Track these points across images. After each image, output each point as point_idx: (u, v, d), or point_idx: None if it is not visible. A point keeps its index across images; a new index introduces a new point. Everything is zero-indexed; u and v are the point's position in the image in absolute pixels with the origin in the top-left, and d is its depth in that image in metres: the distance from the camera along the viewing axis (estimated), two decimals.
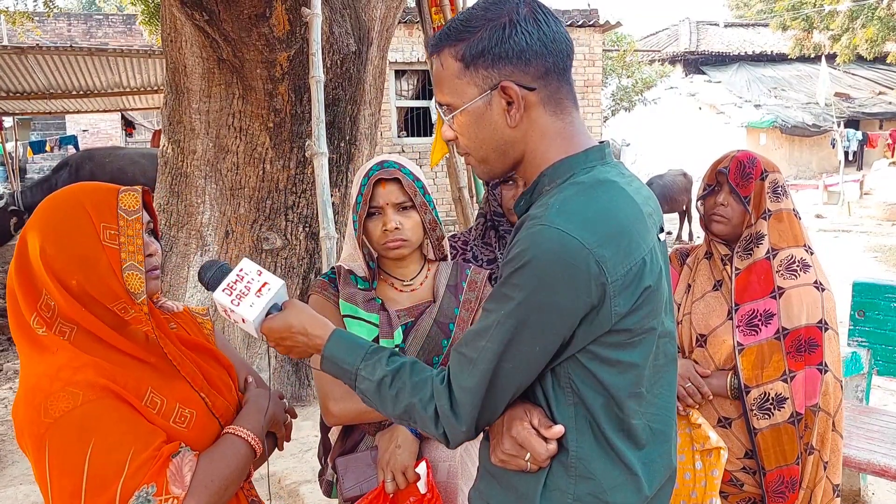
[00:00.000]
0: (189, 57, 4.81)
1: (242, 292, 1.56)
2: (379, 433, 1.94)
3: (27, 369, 1.44)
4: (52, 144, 14.65)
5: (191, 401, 1.55)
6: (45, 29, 18.01)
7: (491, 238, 2.52)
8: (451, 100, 1.38)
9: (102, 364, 1.43)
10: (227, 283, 1.56)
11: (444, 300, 2.05)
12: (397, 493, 1.88)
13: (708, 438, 2.19)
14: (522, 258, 1.25)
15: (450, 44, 1.36)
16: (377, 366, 1.43)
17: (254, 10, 4.05)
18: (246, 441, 1.59)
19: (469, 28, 1.33)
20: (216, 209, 4.98)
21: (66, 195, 1.52)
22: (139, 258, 1.48)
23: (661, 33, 30.04)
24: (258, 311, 1.54)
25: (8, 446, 4.75)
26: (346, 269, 2.06)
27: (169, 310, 1.75)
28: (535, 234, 1.25)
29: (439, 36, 1.38)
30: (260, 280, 1.57)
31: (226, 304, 1.55)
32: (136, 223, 1.50)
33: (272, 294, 1.56)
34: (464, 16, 1.36)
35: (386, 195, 1.95)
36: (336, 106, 4.90)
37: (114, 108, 13.21)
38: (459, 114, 1.38)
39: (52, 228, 1.46)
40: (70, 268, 1.44)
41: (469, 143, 1.41)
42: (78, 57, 9.05)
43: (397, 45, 12.63)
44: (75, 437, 1.35)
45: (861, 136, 20.29)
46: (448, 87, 1.38)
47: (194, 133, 4.94)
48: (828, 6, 21.69)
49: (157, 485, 1.37)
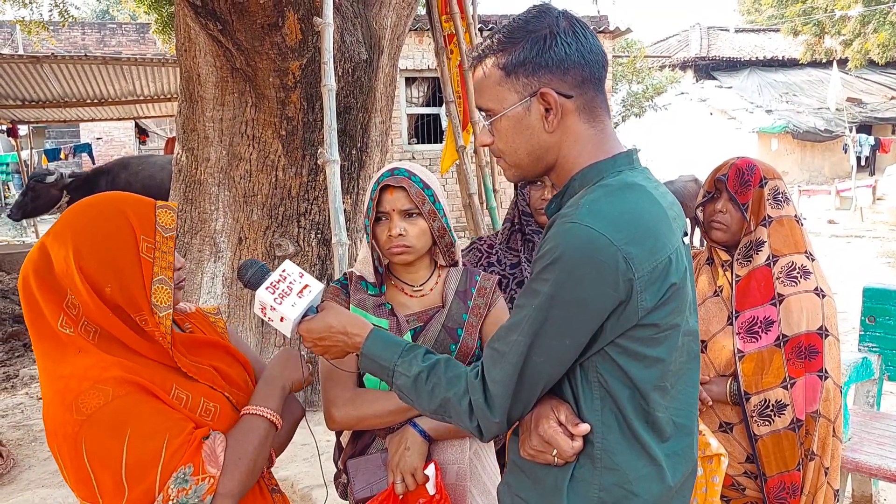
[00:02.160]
0: (203, 66, 4.87)
1: (285, 292, 1.62)
2: (389, 436, 1.96)
3: (52, 373, 1.47)
4: (66, 152, 14.80)
5: (214, 397, 1.61)
6: (59, 38, 18.20)
7: (517, 242, 2.56)
8: (491, 105, 1.46)
9: (127, 363, 1.48)
10: (271, 282, 1.63)
11: (453, 306, 2.08)
12: (407, 494, 1.90)
13: (709, 445, 2.20)
14: (553, 254, 1.31)
15: (493, 53, 1.44)
16: (413, 362, 1.51)
17: (266, 20, 4.10)
18: (263, 417, 1.64)
19: (512, 39, 1.41)
20: (229, 216, 5.03)
21: (108, 203, 1.57)
22: (169, 273, 1.55)
23: (671, 39, 30.03)
24: (298, 311, 1.61)
25: (24, 451, 4.80)
26: (357, 275, 2.10)
27: (182, 311, 1.80)
28: (566, 231, 1.32)
29: (484, 47, 1.46)
30: (301, 282, 1.64)
31: (268, 303, 1.61)
32: (171, 241, 1.58)
33: (312, 296, 1.63)
34: (507, 28, 1.44)
35: (392, 202, 1.99)
36: (347, 114, 4.95)
37: (127, 115, 13.34)
38: (499, 119, 1.45)
39: (91, 234, 1.50)
40: (106, 274, 1.48)
41: (505, 147, 1.48)
42: (92, 65, 9.16)
43: (408, 52, 12.69)
44: (110, 431, 1.40)
45: (873, 142, 20.20)
46: (489, 93, 1.45)
47: (208, 141, 5.00)
48: (839, 11, 21.62)
49: (194, 465, 1.43)
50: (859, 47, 21.46)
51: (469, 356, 2.06)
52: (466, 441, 2.01)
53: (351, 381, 1.97)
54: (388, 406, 1.92)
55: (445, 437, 1.97)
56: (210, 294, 5.08)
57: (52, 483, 4.34)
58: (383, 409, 1.92)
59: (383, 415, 1.93)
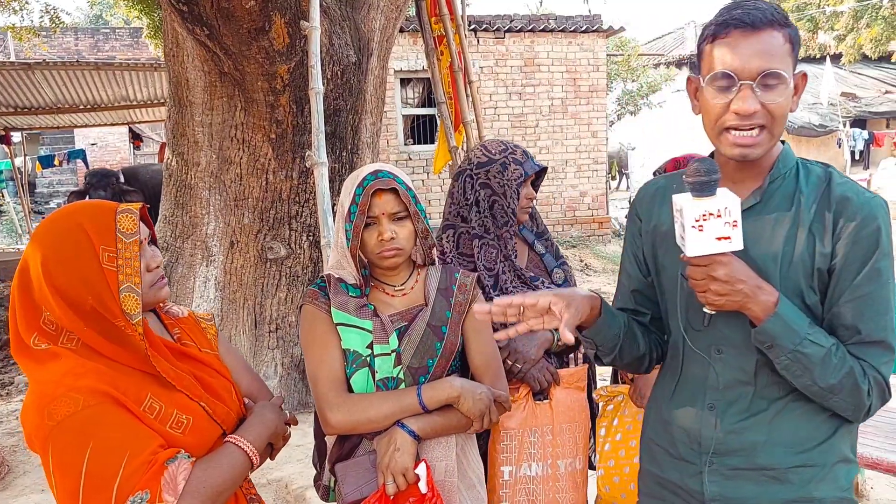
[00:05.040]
0: (191, 70, 4.88)
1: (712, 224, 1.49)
2: (377, 437, 1.96)
3: (34, 378, 1.51)
4: (60, 159, 14.77)
5: (189, 408, 1.60)
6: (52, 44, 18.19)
7: (469, 247, 2.50)
8: (782, 70, 1.52)
9: (104, 370, 1.49)
10: (708, 210, 1.49)
11: (436, 304, 2.08)
12: (397, 494, 1.91)
13: None
14: (873, 223, 1.53)
15: (781, 25, 1.53)
16: (821, 333, 1.53)
17: (253, 25, 4.11)
18: (244, 452, 1.64)
19: (785, 18, 1.54)
20: (221, 220, 5.04)
21: (65, 216, 1.57)
22: (136, 280, 1.54)
23: (666, 37, 30.01)
24: (705, 248, 1.49)
25: (20, 456, 4.81)
26: (335, 277, 2.08)
27: (174, 315, 1.82)
28: (871, 201, 1.54)
29: (765, 12, 1.53)
30: (728, 231, 1.49)
31: (692, 216, 1.49)
32: (134, 245, 1.56)
33: (728, 247, 1.50)
34: (774, 7, 1.55)
35: (382, 205, 1.98)
36: (337, 116, 4.96)
37: (122, 121, 13.32)
38: (784, 85, 1.52)
39: (53, 249, 1.51)
40: (76, 287, 1.49)
41: (775, 115, 1.54)
42: (85, 71, 9.15)
43: (402, 54, 12.70)
44: (75, 439, 1.42)
45: (867, 136, 20.22)
46: (780, 60, 1.52)
47: (198, 145, 5.01)
48: (830, 7, 21.66)
49: (151, 491, 1.42)
50: (852, 42, 21.49)
51: (453, 353, 2.07)
52: (452, 438, 2.02)
53: (343, 387, 1.97)
54: (384, 410, 1.93)
55: (432, 435, 1.97)
56: (203, 298, 5.09)
57: (47, 489, 4.35)
58: (379, 413, 1.93)
59: (380, 419, 1.93)
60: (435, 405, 1.96)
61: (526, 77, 13.62)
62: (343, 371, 1.98)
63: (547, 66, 13.72)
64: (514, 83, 13.56)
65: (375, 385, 1.98)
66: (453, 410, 1.98)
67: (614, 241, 14.39)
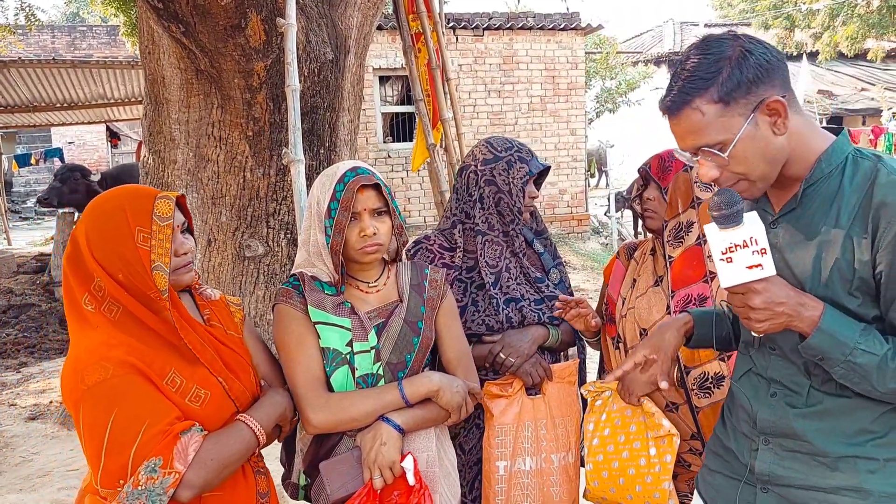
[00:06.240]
0: (167, 68, 4.86)
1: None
2: (360, 433, 1.98)
3: (75, 341, 1.69)
4: (37, 157, 14.66)
5: (208, 383, 1.74)
6: (28, 42, 18.01)
7: (473, 244, 2.51)
8: (722, 138, 1.52)
9: (134, 344, 1.66)
10: (733, 241, 1.50)
11: (411, 300, 2.11)
12: (384, 489, 1.93)
13: (661, 426, 2.26)
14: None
15: (697, 95, 1.51)
16: (876, 339, 1.49)
17: (229, 22, 4.10)
18: (253, 431, 1.78)
19: (710, 72, 1.50)
20: (198, 218, 5.02)
21: (112, 197, 1.76)
22: (166, 260, 1.70)
23: (645, 35, 30.20)
24: (736, 279, 1.50)
25: None
26: (309, 275, 2.08)
27: (207, 297, 1.97)
28: None
29: (677, 93, 1.53)
30: (757, 259, 1.49)
31: (718, 249, 1.51)
32: (167, 228, 1.72)
33: (760, 274, 1.50)
34: (693, 67, 1.52)
35: (365, 201, 1.99)
36: (314, 114, 4.96)
37: (99, 119, 13.24)
38: (735, 146, 1.51)
39: (98, 229, 1.70)
40: (114, 263, 1.68)
41: (746, 168, 1.54)
42: (61, 69, 9.09)
43: (381, 51, 12.69)
44: (102, 405, 1.59)
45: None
46: (714, 128, 1.52)
47: (174, 143, 4.99)
48: (806, 5, 21.86)
49: (164, 458, 1.57)
50: (829, 40, 21.69)
51: (429, 347, 2.10)
52: (432, 430, 2.05)
53: (323, 386, 1.98)
54: (366, 407, 1.95)
55: (414, 428, 2.00)
56: None
57: (25, 488, 4.33)
58: (361, 410, 1.94)
59: (362, 416, 1.95)
60: (416, 399, 1.99)
61: (505, 75, 13.65)
62: (322, 370, 1.99)
63: (525, 64, 13.76)
64: (492, 81, 13.59)
65: (355, 382, 1.99)
66: (432, 403, 2.02)
67: (593, 238, 14.47)
